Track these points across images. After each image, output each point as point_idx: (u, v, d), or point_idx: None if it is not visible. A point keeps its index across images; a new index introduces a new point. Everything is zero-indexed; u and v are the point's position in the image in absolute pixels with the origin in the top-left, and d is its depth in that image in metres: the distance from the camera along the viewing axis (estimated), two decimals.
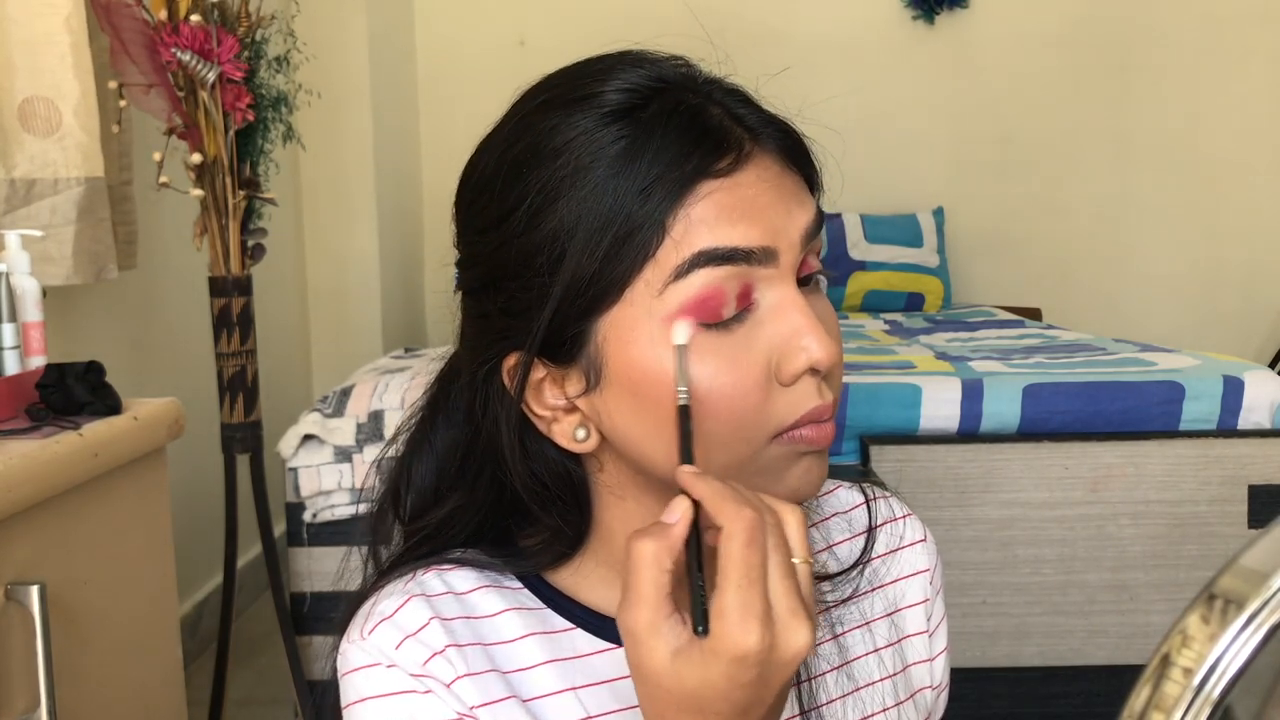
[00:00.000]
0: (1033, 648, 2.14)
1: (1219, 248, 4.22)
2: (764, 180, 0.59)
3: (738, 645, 0.49)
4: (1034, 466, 2.11)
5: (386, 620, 0.63)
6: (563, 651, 0.65)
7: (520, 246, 0.59)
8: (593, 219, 0.57)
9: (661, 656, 0.50)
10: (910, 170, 4.18)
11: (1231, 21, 4.11)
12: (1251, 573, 0.35)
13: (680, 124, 0.58)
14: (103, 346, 2.25)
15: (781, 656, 0.50)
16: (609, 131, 0.58)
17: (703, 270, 0.57)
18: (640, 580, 0.51)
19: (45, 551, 1.21)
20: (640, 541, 0.51)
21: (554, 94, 0.61)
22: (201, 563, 2.62)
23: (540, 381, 0.62)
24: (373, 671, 0.62)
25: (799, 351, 0.58)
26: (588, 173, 0.57)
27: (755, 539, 0.50)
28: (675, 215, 0.57)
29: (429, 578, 0.65)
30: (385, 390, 2.16)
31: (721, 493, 0.52)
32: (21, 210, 1.83)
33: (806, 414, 0.59)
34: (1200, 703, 0.34)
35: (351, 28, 3.54)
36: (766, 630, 0.49)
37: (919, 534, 0.77)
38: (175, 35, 1.88)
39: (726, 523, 0.50)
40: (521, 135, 0.60)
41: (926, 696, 0.75)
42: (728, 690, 0.50)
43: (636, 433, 0.60)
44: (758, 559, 0.50)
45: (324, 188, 3.62)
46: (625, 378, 0.59)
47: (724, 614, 0.49)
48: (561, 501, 0.65)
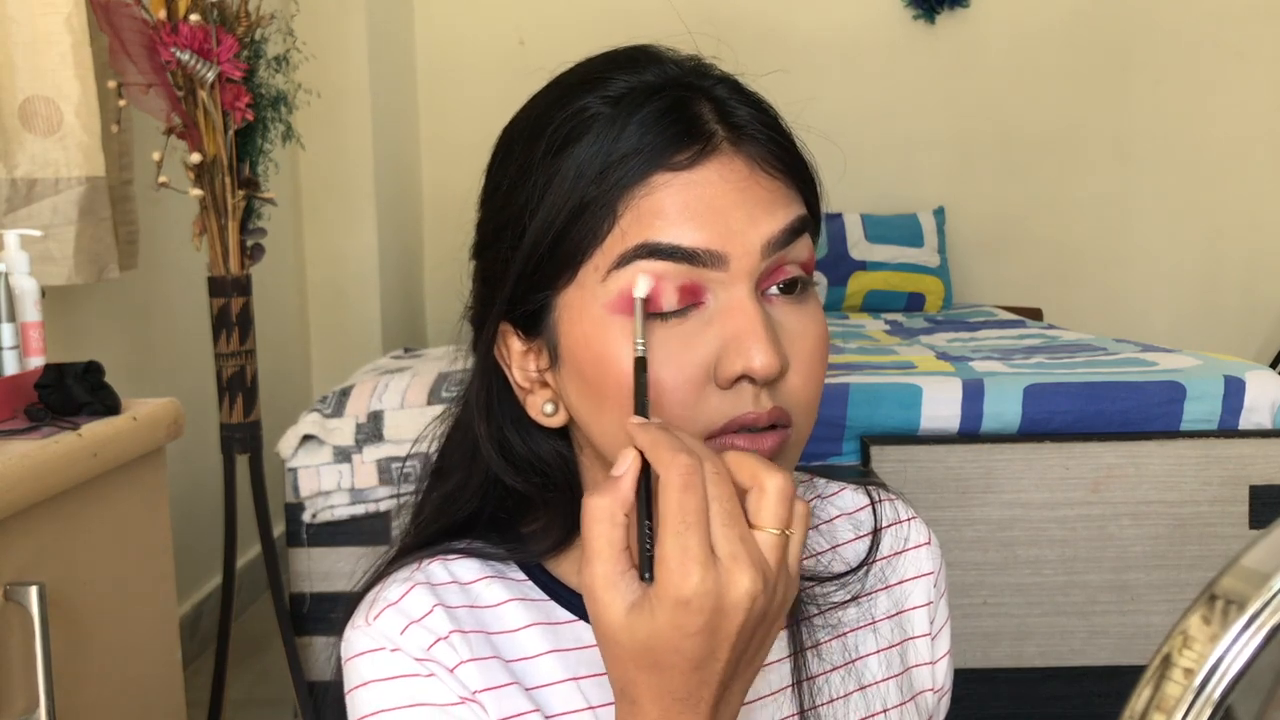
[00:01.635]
0: (1034, 648, 2.14)
1: (1220, 247, 4.22)
2: (727, 181, 0.59)
3: (678, 589, 0.49)
4: (1035, 467, 2.11)
5: (391, 606, 0.63)
6: (565, 642, 0.65)
7: (500, 217, 0.62)
8: (555, 195, 0.59)
9: (617, 611, 0.51)
10: (911, 170, 4.18)
11: (1232, 20, 4.10)
12: (1253, 573, 0.34)
13: (653, 113, 0.59)
14: (102, 346, 2.25)
15: (726, 603, 0.49)
16: (595, 115, 0.59)
17: (643, 262, 0.57)
18: (593, 536, 0.51)
19: (44, 551, 1.21)
20: (591, 499, 0.52)
21: (566, 78, 0.63)
22: (201, 563, 2.62)
23: (525, 354, 0.64)
24: (377, 656, 0.62)
25: (736, 356, 0.57)
26: (563, 151, 0.59)
27: (691, 483, 0.50)
28: (627, 203, 0.58)
29: (434, 567, 0.66)
30: (385, 390, 2.16)
31: (659, 441, 0.52)
32: (22, 210, 1.83)
33: (734, 419, 0.58)
34: (1201, 703, 0.33)
35: (351, 27, 3.54)
36: (707, 573, 0.49)
37: (924, 537, 0.77)
38: (174, 35, 1.87)
39: (663, 470, 0.51)
40: (527, 114, 0.63)
41: (928, 699, 0.75)
42: (677, 641, 0.50)
43: (585, 411, 0.62)
44: (694, 504, 0.50)
45: (323, 187, 3.62)
46: (575, 356, 0.61)
47: (664, 560, 0.49)
48: (551, 480, 0.66)
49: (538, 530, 0.68)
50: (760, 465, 0.52)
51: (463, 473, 0.69)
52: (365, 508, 2.11)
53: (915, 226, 4.03)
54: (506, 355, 0.65)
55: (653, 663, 0.50)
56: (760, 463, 0.53)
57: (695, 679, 0.51)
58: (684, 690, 0.51)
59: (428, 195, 4.20)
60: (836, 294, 3.85)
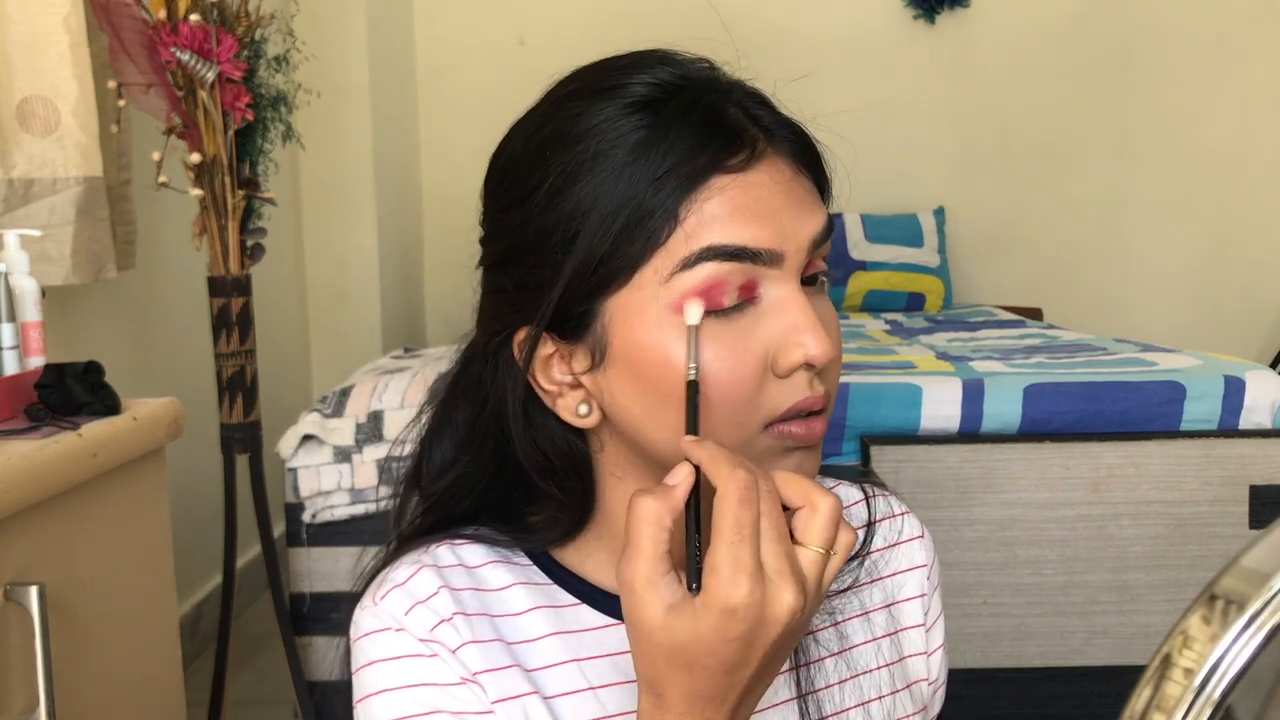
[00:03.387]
0: (1033, 648, 2.14)
1: (1220, 247, 4.22)
2: (776, 182, 0.61)
3: (728, 598, 0.51)
4: (1035, 467, 2.11)
5: (398, 587, 0.65)
6: (567, 625, 0.67)
7: (539, 224, 0.62)
8: (608, 202, 0.60)
9: (655, 610, 0.52)
10: (911, 170, 4.18)
11: (1232, 20, 4.10)
12: (1253, 573, 0.34)
13: (697, 119, 0.60)
14: (102, 346, 2.25)
15: (768, 615, 0.52)
16: (630, 120, 0.60)
17: (710, 264, 0.59)
18: (640, 535, 0.53)
19: (44, 551, 1.21)
20: (643, 499, 0.54)
21: (582, 83, 0.64)
22: (201, 563, 2.62)
23: (549, 357, 0.65)
24: (382, 636, 0.64)
25: (796, 346, 0.60)
26: (606, 158, 0.60)
27: (748, 498, 0.52)
28: (688, 207, 0.59)
29: (442, 550, 0.68)
30: (385, 390, 2.16)
31: (718, 456, 0.54)
32: (20, 210, 1.83)
33: (796, 404, 0.61)
34: (1201, 703, 0.33)
35: (351, 27, 3.54)
36: (756, 585, 0.51)
37: (916, 530, 0.79)
38: (174, 35, 1.87)
39: (721, 483, 0.53)
40: (549, 120, 0.63)
41: (923, 689, 0.77)
42: (716, 644, 0.52)
43: (636, 412, 0.63)
44: (749, 518, 0.52)
45: (324, 187, 3.62)
46: (629, 358, 0.62)
47: (716, 568, 0.52)
48: (563, 475, 0.68)
49: (544, 520, 0.69)
50: (812, 486, 0.55)
51: (470, 460, 0.70)
52: (365, 508, 2.11)
53: (915, 226, 4.03)
54: (522, 356, 0.66)
55: (687, 662, 0.53)
56: (811, 484, 0.55)
57: (725, 682, 0.53)
58: (712, 691, 0.53)
59: (428, 195, 4.20)
60: (837, 294, 3.85)
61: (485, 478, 0.70)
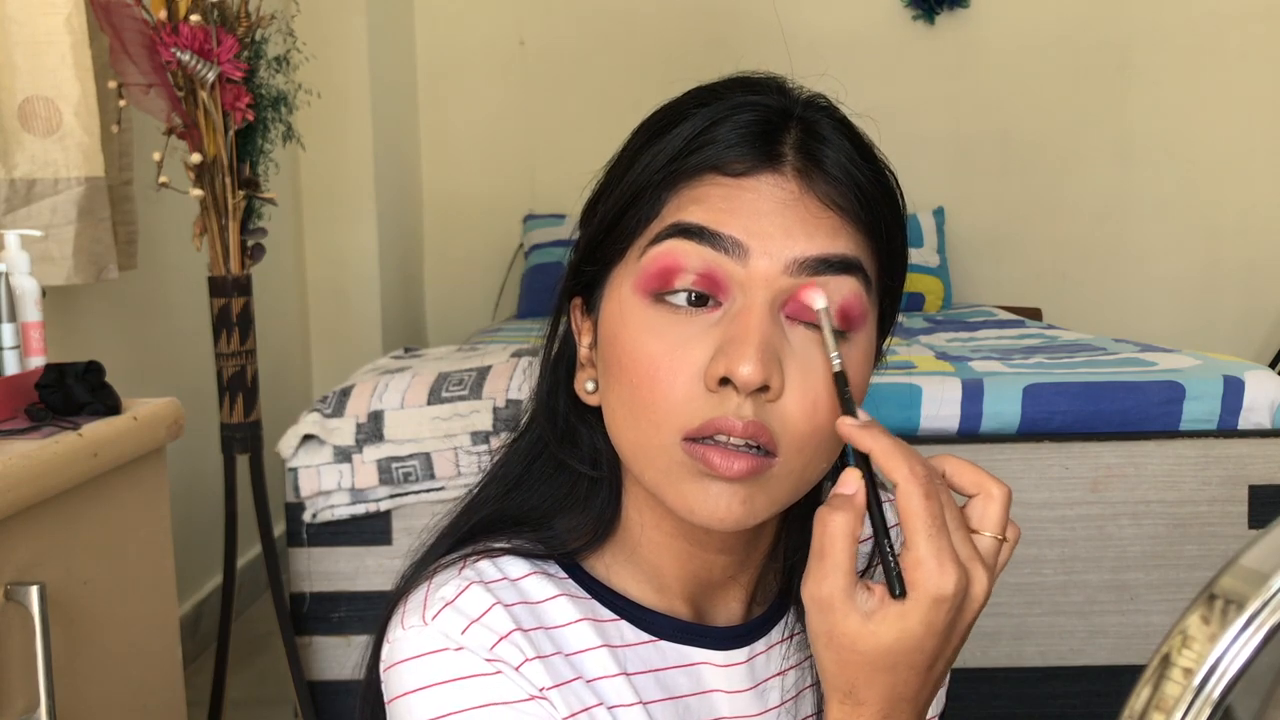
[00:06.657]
0: (1033, 648, 2.14)
1: (1219, 247, 4.22)
2: (773, 194, 0.60)
3: (940, 589, 0.52)
4: (1034, 466, 2.11)
5: (449, 605, 0.62)
6: (611, 639, 0.66)
7: (593, 196, 0.67)
8: (627, 180, 0.63)
9: (856, 621, 0.53)
10: (910, 170, 4.11)
11: (1232, 21, 4.10)
12: (1252, 573, 0.34)
13: (734, 125, 0.61)
14: (103, 346, 2.24)
15: (969, 598, 0.54)
16: (686, 115, 0.63)
17: (671, 240, 0.60)
18: (835, 550, 0.54)
19: (45, 551, 1.21)
20: (833, 515, 0.54)
21: (696, 91, 0.66)
22: (201, 563, 2.62)
23: (581, 329, 0.68)
24: (439, 657, 0.61)
25: (722, 356, 0.58)
26: (651, 144, 0.63)
27: (932, 490, 0.53)
28: (677, 193, 0.61)
29: (483, 565, 0.65)
30: (385, 390, 2.16)
31: (890, 449, 0.54)
32: (22, 210, 1.83)
33: (710, 421, 0.58)
34: (1200, 703, 0.34)
35: (351, 27, 3.54)
36: (961, 572, 0.53)
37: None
38: (175, 35, 1.87)
39: (902, 480, 0.53)
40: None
41: None
42: (923, 638, 0.53)
43: (603, 387, 0.64)
44: (937, 509, 0.53)
45: (324, 188, 3.61)
46: (603, 332, 0.64)
47: (921, 562, 0.52)
48: (594, 462, 0.68)
49: (569, 527, 0.68)
50: (984, 474, 0.56)
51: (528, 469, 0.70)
52: (365, 508, 2.11)
53: (915, 226, 4.03)
54: (577, 331, 0.68)
55: (891, 665, 0.53)
56: (984, 472, 0.56)
57: (923, 678, 0.55)
58: (910, 690, 0.54)
59: (428, 195, 4.19)
60: None
61: (526, 455, 0.70)
